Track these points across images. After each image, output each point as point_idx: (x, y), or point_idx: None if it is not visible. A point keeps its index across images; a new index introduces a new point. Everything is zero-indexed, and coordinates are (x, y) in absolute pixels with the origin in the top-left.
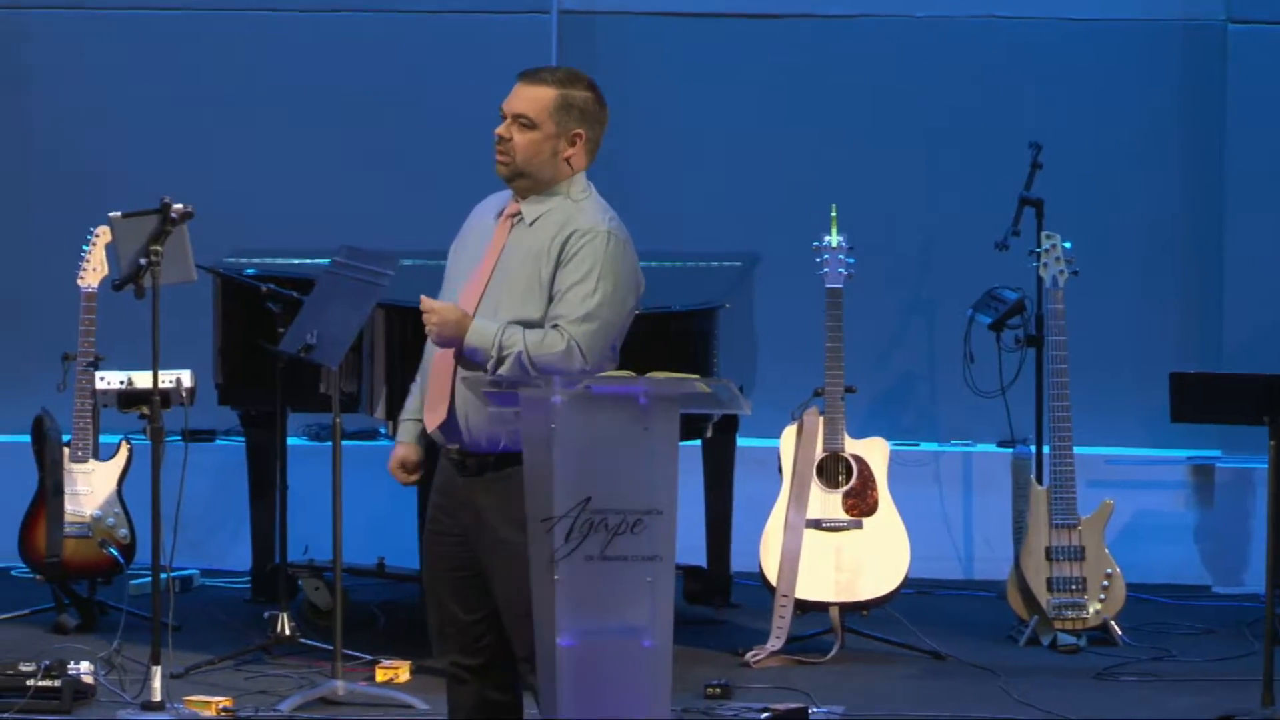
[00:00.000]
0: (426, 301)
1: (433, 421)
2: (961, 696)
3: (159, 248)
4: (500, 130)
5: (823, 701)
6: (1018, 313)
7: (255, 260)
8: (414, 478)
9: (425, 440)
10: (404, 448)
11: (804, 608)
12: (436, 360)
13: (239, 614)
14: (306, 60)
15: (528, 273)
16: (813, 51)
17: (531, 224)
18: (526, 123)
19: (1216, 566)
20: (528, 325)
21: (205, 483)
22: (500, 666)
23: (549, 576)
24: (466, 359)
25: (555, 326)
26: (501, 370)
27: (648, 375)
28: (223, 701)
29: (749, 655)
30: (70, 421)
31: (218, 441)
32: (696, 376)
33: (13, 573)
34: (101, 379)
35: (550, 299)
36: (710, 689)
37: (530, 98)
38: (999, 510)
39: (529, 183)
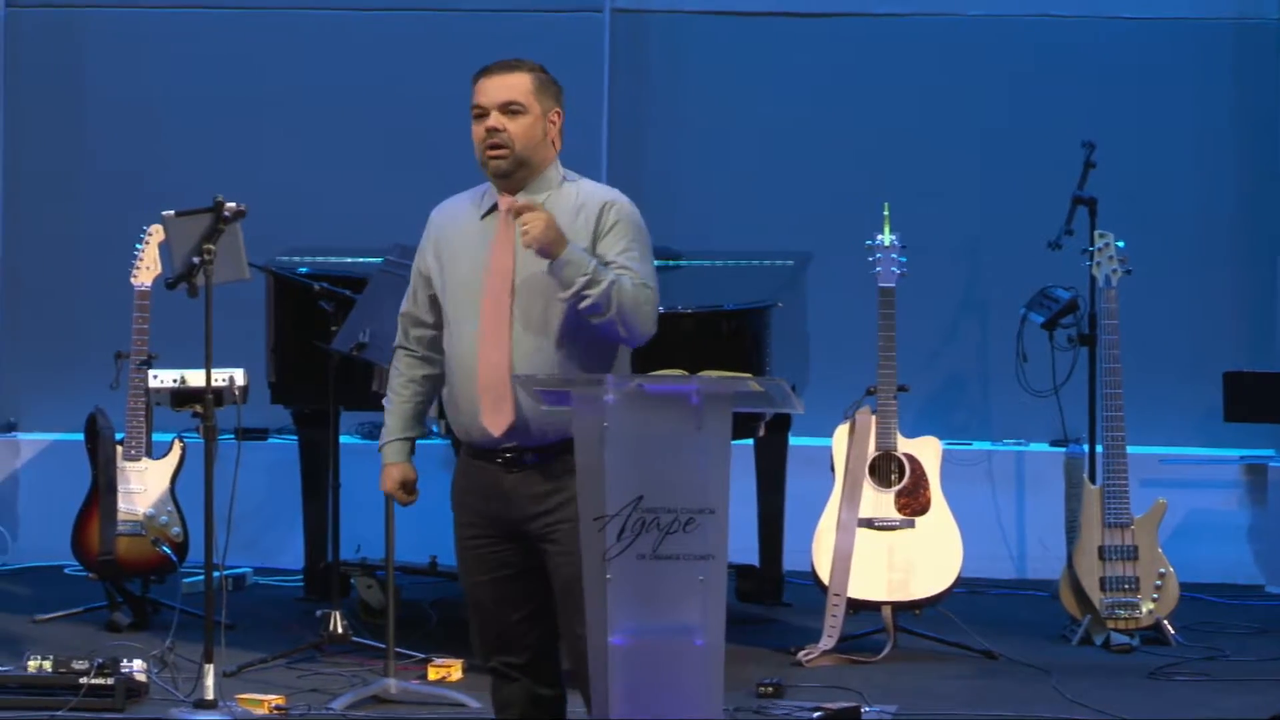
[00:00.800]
0: (523, 202)
1: (500, 426)
2: (1014, 696)
3: (212, 246)
4: (491, 123)
5: (875, 701)
6: (1071, 312)
7: (308, 259)
8: (414, 497)
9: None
10: (401, 468)
11: (856, 607)
12: (486, 368)
13: (291, 612)
14: (360, 59)
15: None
16: (865, 50)
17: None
18: (517, 108)
19: (1270, 566)
20: (565, 316)
21: (258, 481)
22: (546, 661)
23: (601, 575)
24: (551, 271)
25: (632, 276)
26: (591, 292)
27: (700, 374)
28: (275, 700)
29: (801, 654)
30: (123, 420)
31: (270, 440)
32: (749, 375)
33: (66, 571)
34: (155, 377)
35: None
36: (762, 688)
37: (511, 84)
38: (1052, 509)
39: (526, 171)
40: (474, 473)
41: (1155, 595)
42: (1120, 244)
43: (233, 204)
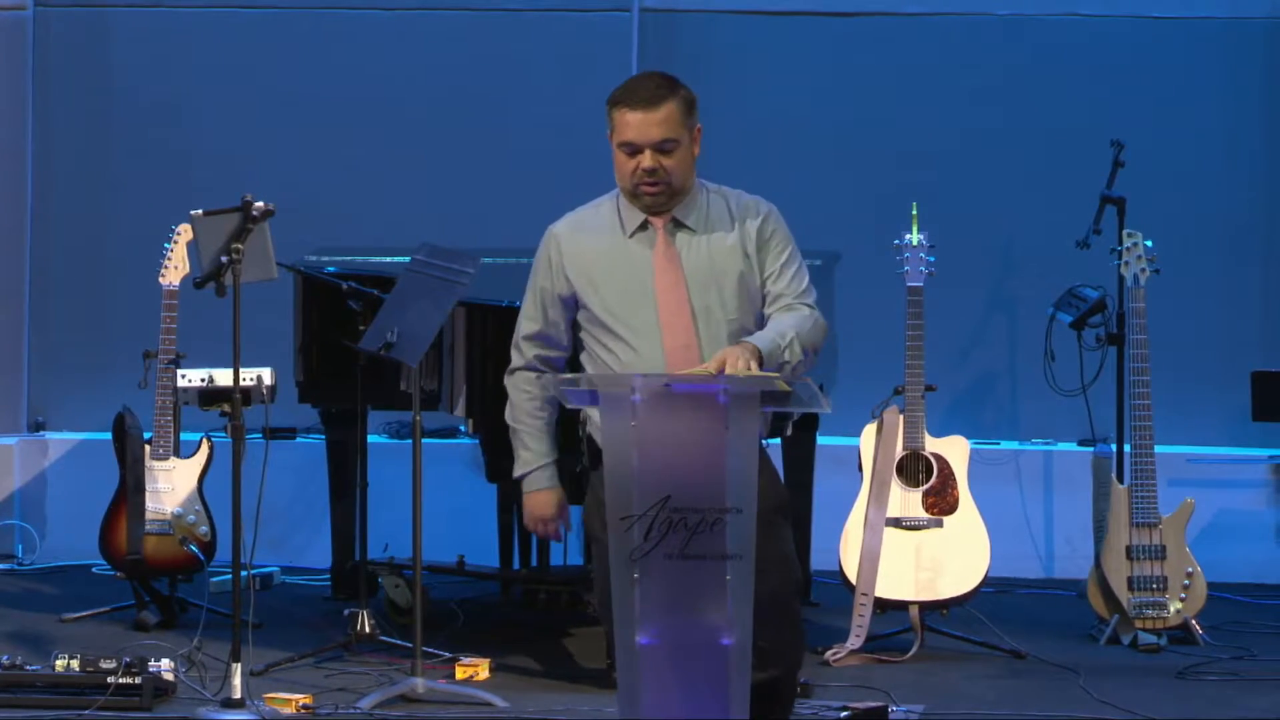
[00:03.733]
0: (728, 366)
1: None
2: (1042, 696)
3: (240, 245)
4: (647, 164)
5: (902, 700)
6: (1099, 311)
7: (336, 258)
8: (568, 523)
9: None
10: (557, 492)
11: (884, 606)
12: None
13: (319, 611)
14: (387, 58)
15: (733, 275)
16: (894, 49)
17: (698, 229)
18: (671, 145)
19: None
20: (745, 331)
21: (286, 480)
22: None
23: (629, 575)
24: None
25: (791, 306)
26: (793, 361)
27: (727, 373)
28: (303, 699)
29: (828, 653)
30: (151, 419)
31: (298, 439)
32: (777, 374)
33: (94, 570)
34: (183, 376)
35: (760, 285)
36: None
37: (663, 120)
38: (1079, 509)
39: (681, 196)
40: None
41: (1183, 595)
42: (1149, 243)
43: (261, 203)
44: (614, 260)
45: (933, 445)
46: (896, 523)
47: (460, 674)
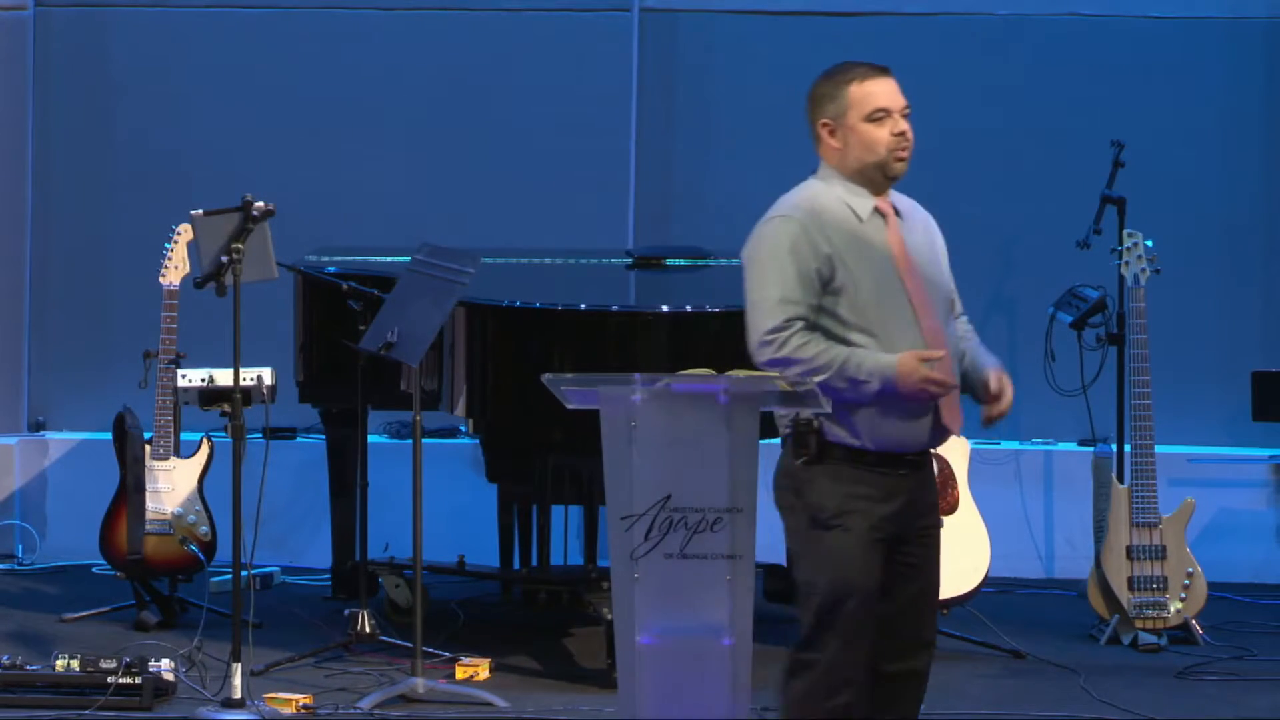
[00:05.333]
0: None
1: (958, 423)
2: (1042, 695)
3: (240, 245)
4: (903, 128)
5: None
6: (1099, 311)
7: (336, 258)
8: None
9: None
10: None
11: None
12: (942, 369)
13: (319, 611)
14: (387, 57)
15: (943, 267)
16: (893, 49)
17: (905, 218)
18: (909, 112)
19: None
20: (951, 304)
21: (286, 480)
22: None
23: (629, 574)
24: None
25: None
26: None
27: (728, 373)
28: (303, 699)
29: None
30: (152, 419)
31: (298, 439)
32: (777, 374)
33: (94, 570)
34: (183, 376)
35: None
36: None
37: (900, 89)
38: (1080, 509)
39: None
40: (874, 479)
41: (1183, 595)
42: (1149, 243)
43: (261, 203)
44: (857, 245)
45: None
46: None
47: (460, 674)
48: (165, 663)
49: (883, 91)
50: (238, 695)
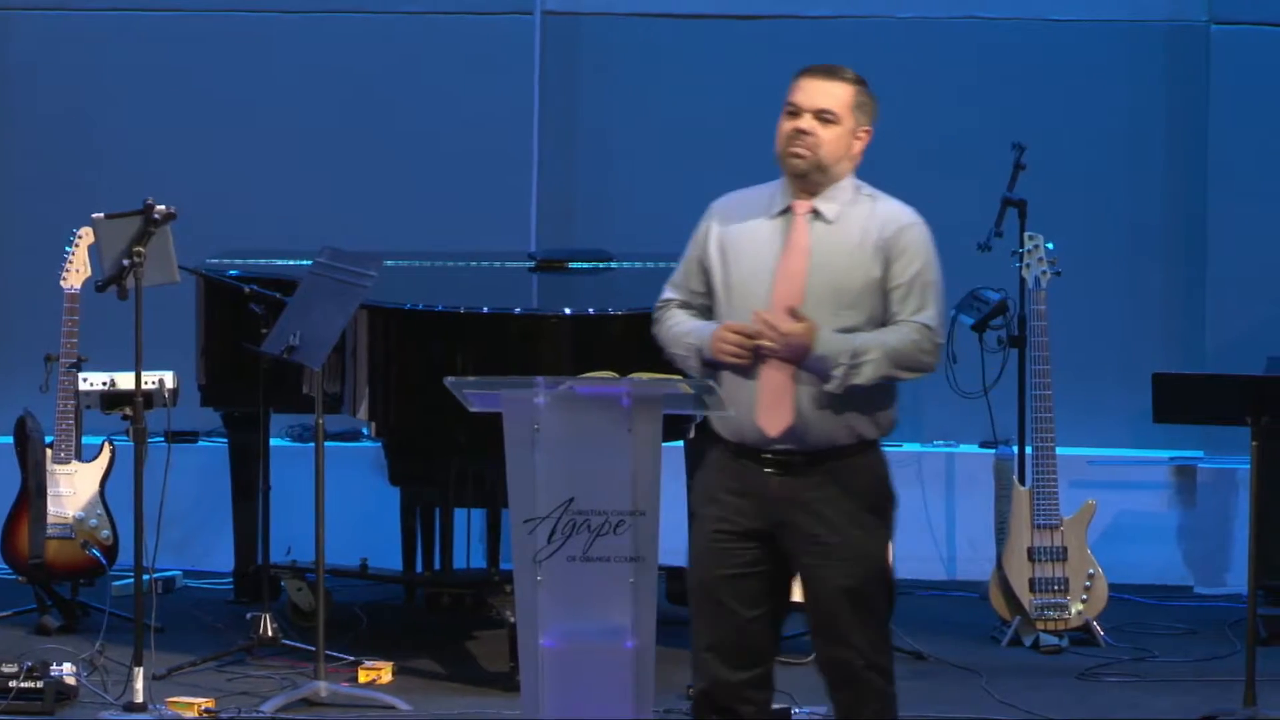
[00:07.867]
0: (767, 318)
1: (777, 426)
2: (944, 697)
3: (142, 249)
4: (802, 125)
5: (805, 702)
6: (1000, 313)
7: (238, 261)
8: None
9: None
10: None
11: (786, 609)
12: (767, 369)
13: (221, 615)
14: (289, 60)
15: (856, 274)
16: (796, 52)
17: (834, 221)
18: (830, 118)
19: (1199, 567)
20: (854, 329)
21: (188, 484)
22: (768, 670)
23: (532, 577)
24: (806, 368)
25: (908, 322)
26: (856, 378)
27: (631, 376)
28: (205, 703)
29: None
30: (53, 423)
31: (200, 443)
32: (679, 377)
33: None
34: (84, 380)
35: (885, 295)
36: (693, 690)
37: (832, 93)
38: (981, 511)
39: (821, 178)
40: (735, 470)
41: (1084, 596)
42: (1050, 246)
43: (163, 207)
44: (751, 239)
45: None
46: None
47: (363, 677)
48: (67, 667)
49: (805, 88)
50: (140, 699)
